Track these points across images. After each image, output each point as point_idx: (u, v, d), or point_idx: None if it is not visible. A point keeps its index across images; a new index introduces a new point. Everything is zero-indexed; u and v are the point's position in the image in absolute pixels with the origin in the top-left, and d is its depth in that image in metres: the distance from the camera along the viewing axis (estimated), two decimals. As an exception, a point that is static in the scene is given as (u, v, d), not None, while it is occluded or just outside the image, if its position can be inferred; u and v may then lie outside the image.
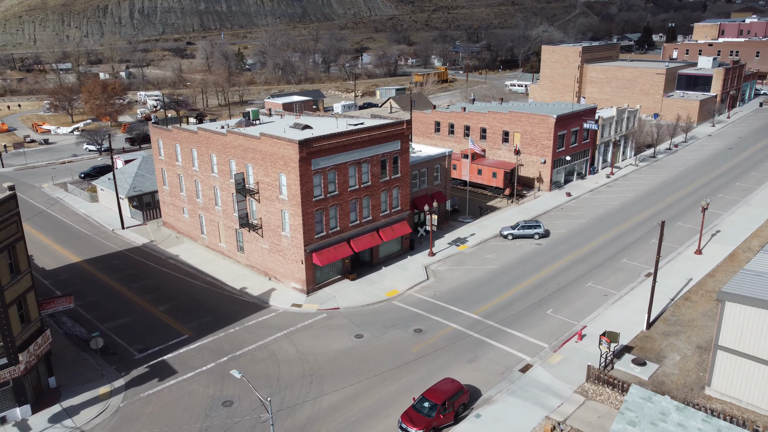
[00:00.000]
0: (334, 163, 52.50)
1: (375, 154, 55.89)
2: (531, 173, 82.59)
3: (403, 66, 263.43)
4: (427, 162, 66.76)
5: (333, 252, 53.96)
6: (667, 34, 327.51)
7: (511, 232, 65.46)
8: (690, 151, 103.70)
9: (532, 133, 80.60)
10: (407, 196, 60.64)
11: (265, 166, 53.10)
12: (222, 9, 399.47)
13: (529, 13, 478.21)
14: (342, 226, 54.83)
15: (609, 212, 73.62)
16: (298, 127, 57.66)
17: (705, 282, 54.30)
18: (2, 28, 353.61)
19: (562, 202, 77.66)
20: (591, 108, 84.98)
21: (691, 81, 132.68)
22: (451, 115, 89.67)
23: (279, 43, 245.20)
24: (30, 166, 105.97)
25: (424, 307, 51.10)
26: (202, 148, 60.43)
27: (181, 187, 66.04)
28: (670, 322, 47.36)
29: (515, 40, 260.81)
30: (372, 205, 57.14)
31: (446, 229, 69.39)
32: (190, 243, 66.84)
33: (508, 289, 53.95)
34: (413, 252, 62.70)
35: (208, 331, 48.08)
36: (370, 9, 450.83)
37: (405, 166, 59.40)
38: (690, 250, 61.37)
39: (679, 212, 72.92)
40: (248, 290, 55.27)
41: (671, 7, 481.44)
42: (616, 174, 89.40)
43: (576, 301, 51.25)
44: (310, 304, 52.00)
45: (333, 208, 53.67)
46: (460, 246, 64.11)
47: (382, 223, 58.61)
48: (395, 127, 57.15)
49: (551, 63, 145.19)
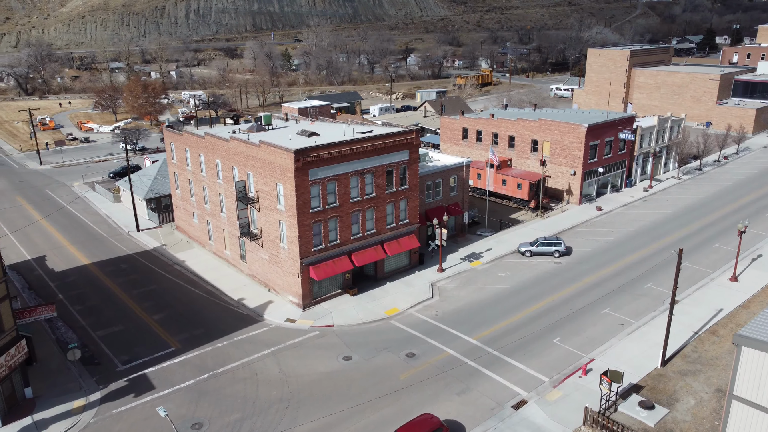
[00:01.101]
0: (334, 173, 50.22)
1: (380, 164, 53.29)
2: (560, 185, 78.13)
3: (449, 68, 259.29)
4: (443, 172, 63.68)
5: (332, 266, 51.70)
6: (732, 37, 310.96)
7: (530, 249, 61.61)
8: (741, 163, 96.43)
9: (562, 143, 76.19)
10: (416, 208, 57.77)
11: (264, 174, 51.37)
12: (274, 9, 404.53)
13: (586, 13, 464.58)
14: (342, 238, 52.50)
15: (640, 230, 68.58)
16: (305, 134, 55.71)
17: (736, 314, 49.22)
18: (66, 28, 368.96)
19: (591, 216, 72.97)
20: (628, 117, 79.74)
21: (748, 88, 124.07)
22: (479, 122, 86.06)
23: (325, 44, 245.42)
24: (66, 163, 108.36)
25: (422, 328, 48.18)
26: (208, 154, 59.32)
27: (191, 191, 65.25)
28: (690, 360, 42.86)
29: (567, 42, 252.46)
30: (376, 217, 54.58)
31: (462, 242, 66.09)
32: (199, 249, 65.96)
33: (516, 313, 50.37)
34: (423, 267, 59.77)
35: (196, 345, 46.64)
36: (421, 9, 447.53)
37: (414, 176, 56.55)
38: (725, 276, 56.09)
39: (719, 232, 67.18)
40: (245, 301, 53.67)
41: (740, 7, 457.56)
42: (654, 187, 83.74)
43: (587, 330, 47.24)
44: (304, 320, 49.91)
45: (333, 220, 51.41)
46: (473, 262, 60.75)
47: (387, 236, 55.96)
48: (403, 136, 54.41)
49: (597, 67, 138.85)
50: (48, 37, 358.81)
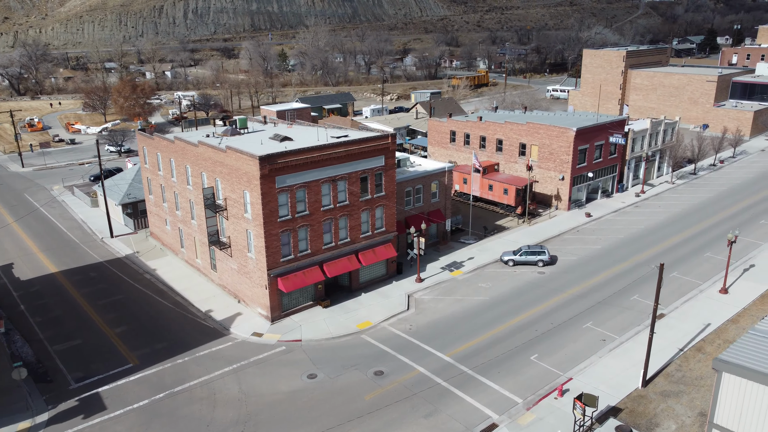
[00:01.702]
0: (304, 180, 47.96)
1: (354, 170, 51.02)
2: (549, 190, 75.76)
3: (447, 68, 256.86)
4: (423, 178, 61.39)
5: (301, 277, 49.44)
6: (733, 37, 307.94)
7: (512, 258, 59.28)
8: (737, 167, 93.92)
9: (551, 147, 73.82)
10: (393, 216, 55.47)
11: (231, 181, 49.16)
12: (273, 9, 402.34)
13: (588, 13, 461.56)
14: (314, 248, 50.24)
15: (630, 238, 66.18)
16: (277, 139, 53.50)
17: (725, 329, 46.84)
18: (64, 28, 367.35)
19: (580, 223, 70.59)
20: (619, 120, 77.33)
21: (746, 89, 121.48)
22: (466, 125, 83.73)
23: (321, 44, 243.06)
24: (49, 166, 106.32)
25: (394, 343, 45.90)
26: (178, 159, 57.14)
27: (163, 197, 63.07)
28: (674, 379, 40.51)
29: (565, 43, 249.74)
30: (350, 225, 52.30)
31: (444, 250, 63.79)
32: (172, 257, 63.78)
33: (494, 327, 48.05)
34: (401, 277, 57.47)
35: (156, 361, 44.44)
36: (421, 9, 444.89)
37: (390, 183, 54.26)
38: (714, 288, 53.68)
39: (711, 241, 64.75)
40: (213, 313, 51.45)
41: (742, 7, 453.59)
42: (647, 192, 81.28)
43: (567, 346, 44.90)
44: (271, 334, 47.66)
45: (303, 229, 49.16)
46: (454, 272, 58.44)
47: (362, 245, 53.68)
48: (378, 141, 52.14)
49: (593, 68, 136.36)
50: (45, 37, 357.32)
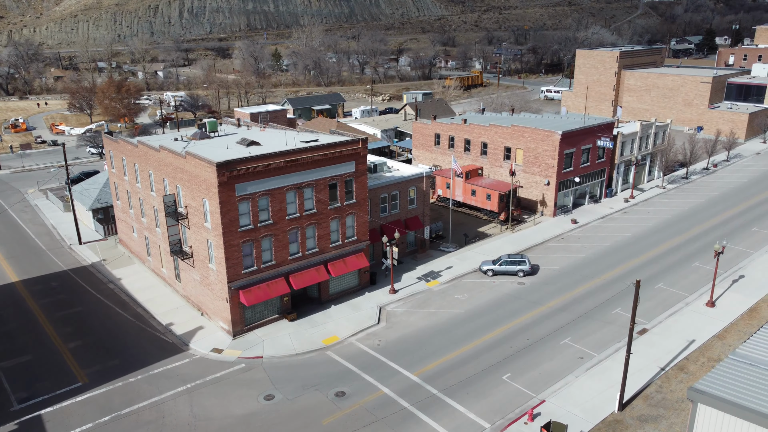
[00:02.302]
0: (267, 187, 45.49)
1: (322, 177, 48.55)
2: (534, 195, 73.27)
3: (442, 68, 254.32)
4: (400, 183, 58.89)
5: (265, 290, 46.96)
6: (732, 38, 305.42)
7: (492, 268, 56.79)
8: (731, 171, 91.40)
9: (536, 151, 71.33)
10: (365, 224, 52.98)
11: (191, 188, 46.71)
12: (269, 9, 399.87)
13: (587, 13, 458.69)
14: (279, 259, 47.76)
15: (616, 246, 63.68)
16: (244, 144, 51.04)
17: (711, 346, 44.36)
18: (58, 27, 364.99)
19: (565, 230, 68.10)
20: (607, 123, 74.82)
21: (742, 91, 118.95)
22: (451, 127, 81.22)
23: (315, 44, 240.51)
24: (28, 168, 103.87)
25: (360, 361, 43.43)
26: (142, 164, 54.68)
27: (129, 203, 60.61)
28: (653, 402, 38.02)
29: (562, 43, 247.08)
30: (318, 235, 49.82)
31: (422, 259, 61.30)
32: (139, 265, 61.31)
33: (467, 342, 45.56)
34: (374, 287, 54.98)
35: (107, 379, 41.97)
36: (418, 9, 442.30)
37: (362, 190, 51.78)
38: (701, 300, 51.17)
39: (700, 249, 62.25)
40: (174, 327, 48.98)
41: (742, 7, 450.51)
42: (636, 198, 78.79)
43: (542, 365, 42.41)
44: (232, 350, 45.18)
45: (266, 239, 46.67)
46: (430, 282, 55.96)
47: (332, 255, 51.20)
48: (348, 146, 49.65)
49: (586, 69, 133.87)
50: (39, 36, 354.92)
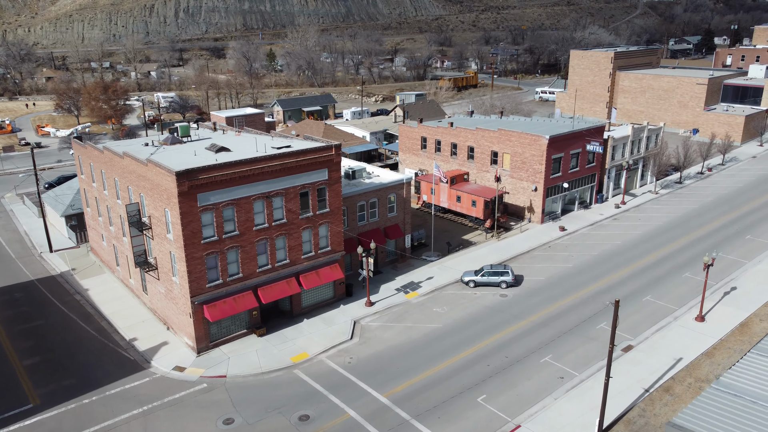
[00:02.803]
0: (232, 197, 43.24)
1: (292, 185, 46.28)
2: (521, 201, 71.00)
3: (438, 69, 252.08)
4: (378, 191, 56.62)
5: (231, 304, 44.71)
6: (730, 38, 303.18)
7: (473, 279, 54.53)
8: (726, 176, 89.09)
9: (523, 155, 69.07)
10: (339, 234, 50.72)
11: (153, 197, 44.48)
12: (265, 8, 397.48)
13: (585, 13, 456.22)
14: (246, 272, 45.49)
15: (604, 255, 61.41)
16: (213, 150, 48.81)
17: (698, 364, 42.09)
18: (53, 27, 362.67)
19: (553, 238, 65.82)
20: (597, 126, 72.54)
21: (738, 93, 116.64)
22: (437, 131, 78.96)
23: (310, 44, 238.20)
24: (8, 171, 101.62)
25: (328, 381, 41.17)
26: (108, 171, 52.44)
27: (98, 211, 58.37)
28: (635, 427, 35.76)
29: (559, 43, 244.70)
30: (289, 246, 47.55)
31: (402, 269, 59.03)
32: (109, 275, 59.07)
33: (442, 360, 43.31)
34: (350, 300, 52.73)
35: (60, 400, 39.72)
36: (416, 9, 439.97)
37: (336, 198, 49.51)
38: (690, 314, 48.89)
39: (691, 259, 59.97)
40: (137, 342, 46.72)
41: (742, 7, 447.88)
42: (627, 203, 76.51)
43: (520, 385, 40.15)
44: (195, 368, 42.94)
45: (232, 251, 44.41)
46: (409, 294, 53.69)
47: (304, 267, 48.94)
48: (320, 153, 47.38)
49: (580, 70, 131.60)
50: (34, 36, 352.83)
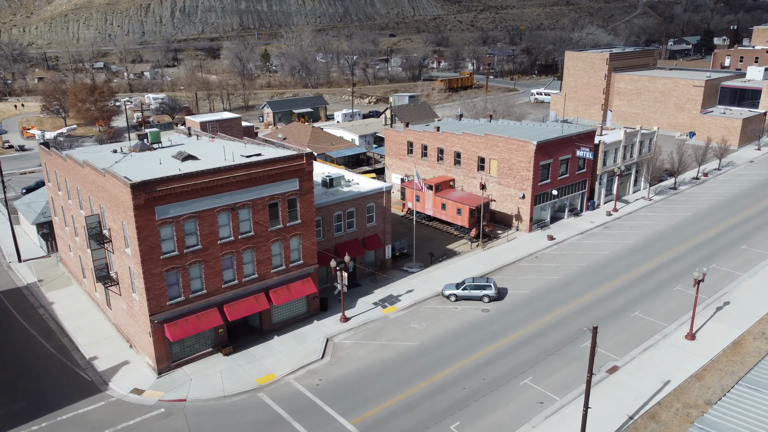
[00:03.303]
0: (195, 209, 40.86)
1: (259, 196, 43.92)
2: (509, 209, 68.61)
3: (434, 70, 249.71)
4: (356, 200, 54.22)
5: (194, 323, 42.35)
6: (730, 38, 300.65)
7: (455, 293, 52.14)
8: (722, 181, 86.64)
9: (510, 162, 66.68)
10: (312, 246, 48.33)
11: (112, 209, 42.13)
12: (262, 8, 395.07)
13: (584, 13, 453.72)
14: (211, 288, 43.12)
15: (593, 266, 59.01)
16: (179, 158, 46.51)
17: (687, 388, 39.69)
18: (48, 27, 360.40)
19: (540, 248, 63.42)
20: (587, 131, 70.12)
21: (736, 95, 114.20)
22: (423, 135, 76.58)
23: (305, 44, 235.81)
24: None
25: (293, 405, 38.80)
26: (71, 180, 50.10)
27: (65, 221, 56.01)
28: (617, 460, 33.42)
29: (556, 43, 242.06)
30: (258, 260, 45.18)
31: (382, 281, 56.64)
32: (76, 287, 56.72)
33: (416, 382, 40.93)
34: (325, 314, 50.34)
35: (8, 427, 37.37)
36: (414, 9, 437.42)
37: (308, 209, 47.13)
38: (680, 332, 46.47)
39: (683, 271, 57.53)
40: (97, 361, 44.37)
41: (742, 7, 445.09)
42: (620, 211, 74.07)
43: (497, 411, 37.76)
44: (154, 391, 40.57)
45: (195, 266, 42.04)
46: (387, 308, 51.29)
47: (274, 282, 46.56)
48: (290, 162, 44.99)
49: (575, 71, 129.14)
50: (29, 36, 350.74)
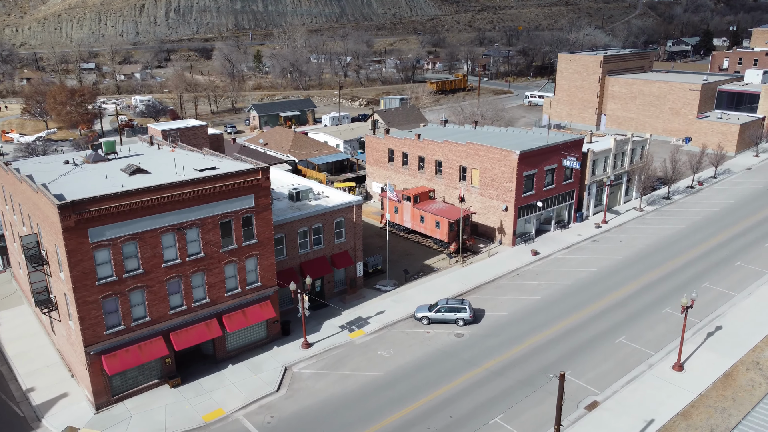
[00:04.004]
0: (135, 230, 37.35)
1: (210, 214, 40.40)
2: (492, 222, 65.09)
3: (429, 71, 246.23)
4: (323, 215, 50.69)
5: (136, 353, 38.83)
6: (729, 39, 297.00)
7: (427, 316, 48.61)
8: (718, 190, 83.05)
9: (492, 172, 63.16)
10: (271, 267, 44.79)
11: (46, 230, 38.66)
12: (258, 8, 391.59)
13: (584, 13, 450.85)
14: (155, 315, 39.61)
15: (578, 284, 55.43)
16: (128, 172, 43.10)
17: (672, 428, 36.13)
18: (41, 27, 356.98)
19: (523, 264, 59.86)
20: (575, 140, 66.56)
21: (733, 99, 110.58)
22: (404, 143, 73.06)
23: (298, 45, 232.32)
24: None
25: (240, 447, 35.32)
26: (14, 194, 46.59)
27: (13, 236, 52.52)
28: None
29: (553, 44, 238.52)
30: (209, 283, 41.66)
31: (352, 301, 53.11)
32: (27, 307, 53.26)
33: (376, 420, 37.40)
34: (287, 339, 46.83)
35: None
36: (411, 9, 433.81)
37: (265, 227, 43.60)
38: (667, 362, 42.91)
39: (674, 290, 53.94)
40: (34, 393, 40.87)
41: (743, 8, 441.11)
42: (609, 222, 70.53)
43: (461, 456, 34.28)
44: (89, 429, 37.03)
45: (137, 292, 38.53)
46: (354, 332, 47.78)
47: (228, 306, 43.04)
48: (243, 177, 41.47)
49: (568, 74, 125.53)
50: (22, 36, 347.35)
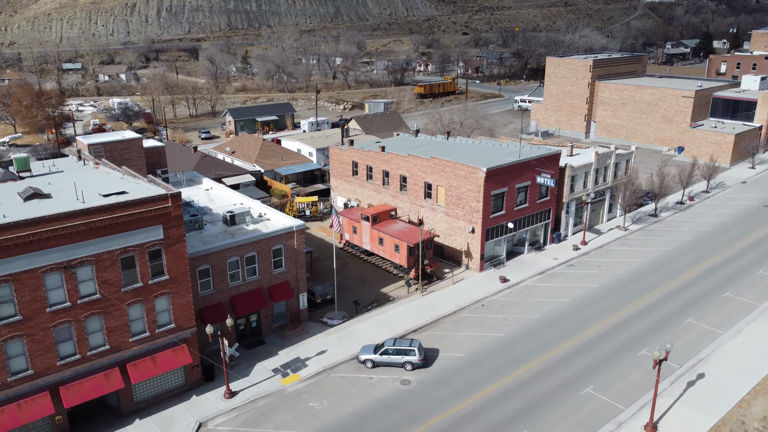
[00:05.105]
0: (8, 271, 31.81)
1: (106, 249, 34.81)
2: (458, 244, 59.49)
3: (422, 73, 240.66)
4: (257, 243, 45.06)
5: (13, 414, 33.22)
6: (729, 41, 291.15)
7: (371, 358, 43.01)
8: (709, 206, 77.30)
9: (459, 190, 57.56)
10: (188, 306, 39.20)
11: None
12: (251, 8, 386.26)
13: (583, 14, 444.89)
14: (39, 367, 34.02)
15: (546, 319, 49.75)
16: (23, 196, 37.60)
17: None
18: (30, 26, 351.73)
19: (490, 293, 54.20)
20: (550, 154, 60.85)
21: (729, 106, 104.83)
22: (368, 155, 67.48)
23: (287, 46, 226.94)
24: None
25: None
26: None
27: None
28: None
29: (547, 46, 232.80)
30: (109, 328, 36.06)
31: (292, 337, 47.49)
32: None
33: (292, 496, 31.82)
34: (209, 386, 41.24)
35: None
36: (407, 9, 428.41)
37: (178, 261, 38.00)
38: (639, 420, 37.22)
39: (652, 328, 48.26)
40: None
41: (744, 9, 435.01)
42: (589, 243, 64.89)
43: None
44: (-48, 506, 31.54)
45: (14, 342, 32.95)
46: (288, 377, 42.18)
47: (135, 352, 37.45)
48: (149, 205, 35.86)
49: (557, 78, 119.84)
50: (11, 35, 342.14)
